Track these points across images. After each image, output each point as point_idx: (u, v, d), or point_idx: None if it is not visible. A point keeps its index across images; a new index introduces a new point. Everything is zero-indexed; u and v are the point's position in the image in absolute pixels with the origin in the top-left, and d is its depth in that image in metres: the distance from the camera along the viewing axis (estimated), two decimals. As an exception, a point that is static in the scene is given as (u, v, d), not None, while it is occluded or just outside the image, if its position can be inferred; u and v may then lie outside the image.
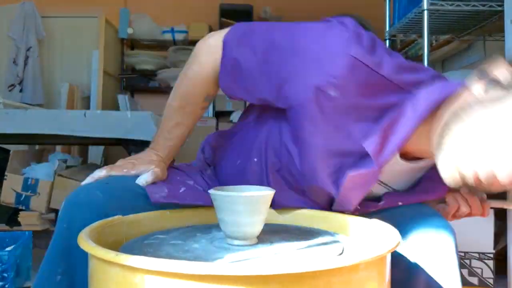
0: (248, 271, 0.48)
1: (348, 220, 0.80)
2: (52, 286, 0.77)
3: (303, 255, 0.64)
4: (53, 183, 2.38)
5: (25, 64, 3.72)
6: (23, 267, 1.56)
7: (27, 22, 3.76)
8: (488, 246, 1.67)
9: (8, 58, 3.76)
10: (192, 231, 0.78)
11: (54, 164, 2.47)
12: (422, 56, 1.73)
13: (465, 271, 1.68)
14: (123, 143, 2.07)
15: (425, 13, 1.69)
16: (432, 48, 2.79)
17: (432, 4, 1.70)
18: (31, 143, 2.70)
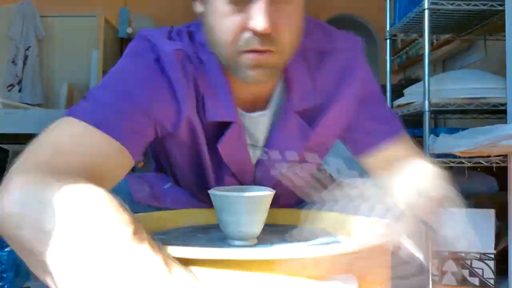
0: (253, 255, 0.48)
1: (348, 220, 0.80)
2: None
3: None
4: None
5: (24, 64, 3.72)
6: (22, 267, 1.56)
7: (27, 22, 3.76)
8: (489, 247, 1.66)
9: (7, 58, 3.76)
10: (192, 231, 0.77)
11: (53, 164, 2.46)
12: (422, 55, 1.73)
13: (466, 272, 1.68)
14: (123, 143, 2.07)
15: (426, 12, 1.68)
16: (432, 48, 2.79)
17: (433, 3, 1.70)
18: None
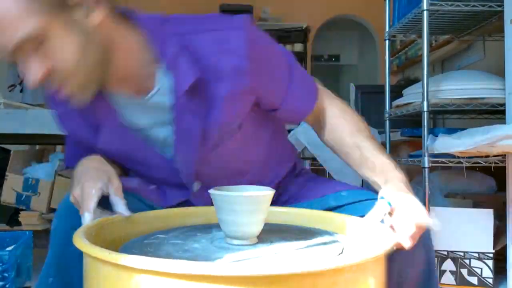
0: (238, 271, 0.48)
1: (348, 220, 0.80)
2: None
3: (302, 255, 0.65)
4: (53, 183, 2.39)
5: None
6: (23, 267, 1.56)
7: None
8: (488, 246, 1.67)
9: (9, 58, 3.76)
10: (192, 230, 0.78)
11: (54, 164, 2.47)
12: (421, 56, 1.73)
13: (464, 271, 1.69)
14: (123, 143, 2.07)
15: (425, 13, 1.69)
16: (431, 48, 2.80)
17: (432, 4, 1.70)
18: (31, 143, 2.70)
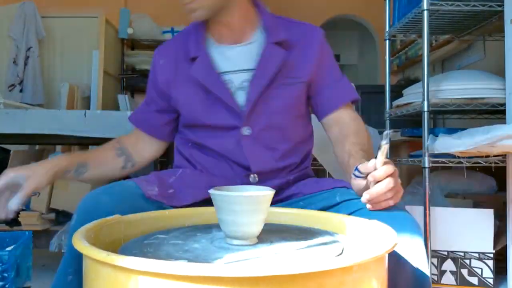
0: (238, 272, 0.48)
1: (348, 220, 0.80)
2: (63, 286, 0.82)
3: (302, 255, 0.64)
4: (53, 183, 2.39)
5: (25, 64, 3.72)
6: (23, 267, 1.56)
7: (27, 22, 3.76)
8: (488, 246, 1.67)
9: (8, 58, 3.76)
10: (192, 231, 0.78)
11: (54, 164, 2.46)
12: (422, 56, 1.73)
13: (465, 271, 1.69)
14: (123, 143, 2.07)
15: (425, 13, 1.69)
16: (432, 48, 2.80)
17: (432, 4, 1.70)
18: (31, 143, 2.71)
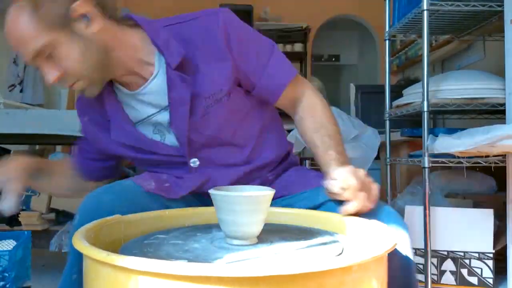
0: (238, 272, 0.48)
1: (348, 220, 0.80)
2: (69, 284, 0.83)
3: (302, 255, 0.64)
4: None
5: (26, 64, 3.72)
6: (23, 267, 1.56)
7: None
8: (488, 246, 1.67)
9: (9, 58, 3.76)
10: (192, 231, 0.78)
11: (54, 164, 2.47)
12: (421, 56, 1.73)
13: (464, 271, 1.69)
14: (123, 143, 2.07)
15: (425, 13, 1.69)
16: (432, 48, 2.80)
17: (432, 4, 1.70)
18: (31, 143, 2.71)
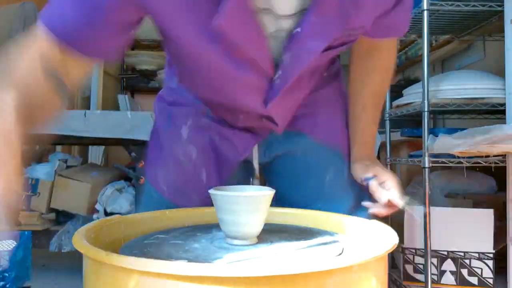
0: (238, 272, 0.48)
1: (348, 220, 0.80)
2: None
3: (302, 255, 0.64)
4: (53, 183, 2.39)
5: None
6: (23, 267, 1.56)
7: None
8: (488, 246, 1.67)
9: (8, 58, 3.76)
10: (192, 231, 0.78)
11: (54, 164, 2.47)
12: (421, 56, 1.73)
13: (464, 271, 1.69)
14: (123, 143, 2.08)
15: (425, 13, 1.69)
16: (432, 48, 2.79)
17: (432, 4, 1.70)
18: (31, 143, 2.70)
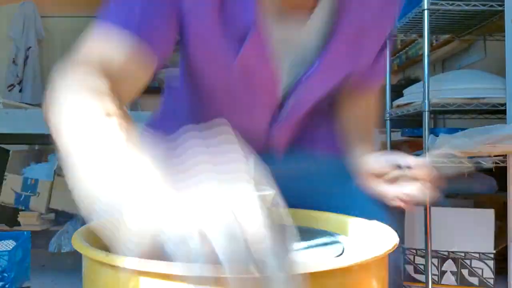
0: (238, 272, 0.47)
1: (348, 220, 0.80)
2: None
3: (302, 255, 0.64)
4: (52, 183, 2.39)
5: (25, 64, 3.73)
6: (22, 267, 1.56)
7: (27, 22, 3.76)
8: (489, 246, 1.67)
9: (8, 58, 3.77)
10: (191, 231, 0.77)
11: (54, 164, 2.47)
12: (422, 56, 1.73)
13: (465, 271, 1.68)
14: (123, 143, 2.07)
15: (426, 12, 1.68)
16: (432, 48, 2.79)
17: (433, 3, 1.70)
18: (31, 143, 2.71)
